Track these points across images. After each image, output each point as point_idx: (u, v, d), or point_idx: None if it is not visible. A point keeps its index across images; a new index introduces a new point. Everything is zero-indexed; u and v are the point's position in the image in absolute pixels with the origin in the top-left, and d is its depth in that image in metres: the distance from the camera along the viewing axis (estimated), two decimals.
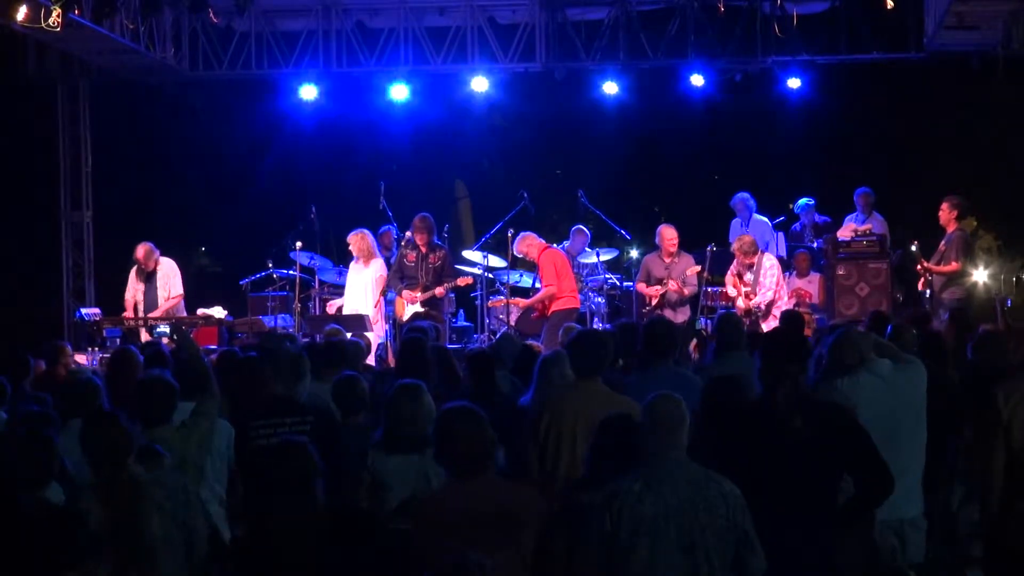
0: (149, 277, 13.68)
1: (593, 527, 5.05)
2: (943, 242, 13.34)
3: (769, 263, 13.28)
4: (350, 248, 13.60)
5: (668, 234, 13.78)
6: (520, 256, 13.57)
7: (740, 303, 13.20)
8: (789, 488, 5.35)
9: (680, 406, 5.21)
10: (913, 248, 13.59)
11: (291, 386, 6.71)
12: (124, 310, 13.69)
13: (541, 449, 6.09)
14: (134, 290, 13.73)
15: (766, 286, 13.16)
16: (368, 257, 13.49)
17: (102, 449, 5.50)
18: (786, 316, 10.67)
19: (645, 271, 13.93)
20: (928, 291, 13.46)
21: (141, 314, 13.49)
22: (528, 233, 13.38)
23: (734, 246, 13.52)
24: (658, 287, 13.62)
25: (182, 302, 13.88)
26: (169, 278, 13.71)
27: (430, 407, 6.04)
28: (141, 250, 13.64)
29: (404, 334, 9.18)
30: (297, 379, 6.75)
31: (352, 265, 13.70)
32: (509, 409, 6.71)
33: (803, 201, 15.56)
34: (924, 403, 6.61)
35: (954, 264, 13.11)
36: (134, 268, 13.77)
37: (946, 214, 13.31)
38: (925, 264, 13.32)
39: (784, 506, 5.32)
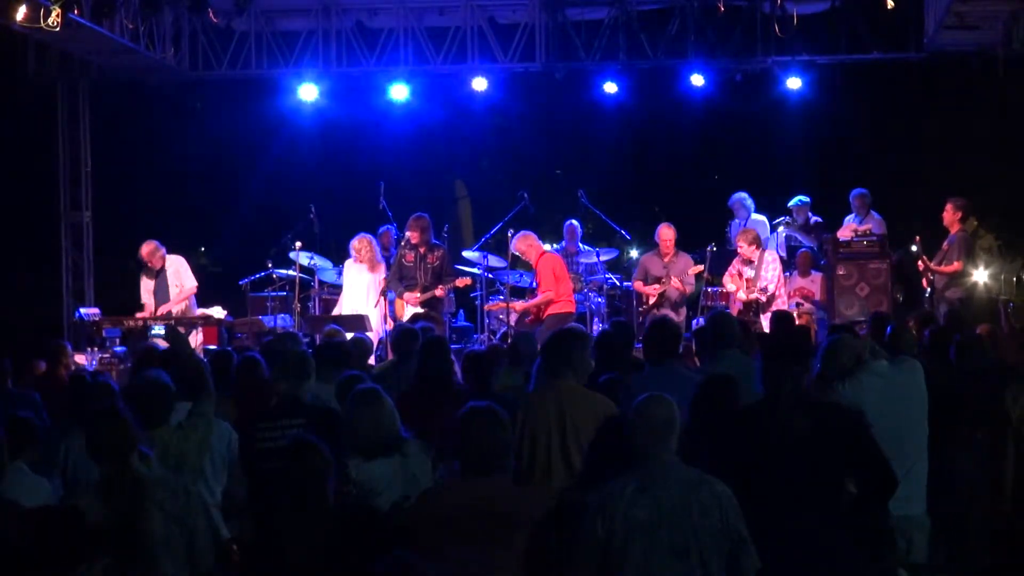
0: (158, 275, 13.62)
1: (587, 530, 5.05)
2: (946, 242, 13.46)
3: (771, 257, 13.40)
4: (354, 252, 13.58)
5: (664, 234, 13.80)
6: (518, 254, 13.55)
7: (741, 295, 13.23)
8: (792, 489, 5.34)
9: (670, 408, 5.18)
10: (914, 247, 13.67)
11: (296, 386, 6.70)
12: (124, 311, 13.63)
13: (517, 446, 6.10)
14: (146, 291, 13.65)
15: (767, 279, 13.20)
16: (373, 263, 13.52)
17: (106, 445, 5.50)
18: (776, 317, 10.65)
19: (643, 270, 13.95)
20: (930, 289, 13.57)
21: (157, 314, 13.41)
22: (528, 232, 13.35)
23: (738, 237, 13.57)
24: (656, 285, 13.63)
25: (193, 297, 13.80)
26: (180, 274, 13.64)
27: (390, 408, 6.03)
28: (145, 248, 13.57)
29: (398, 332, 9.06)
30: (302, 379, 6.74)
31: (352, 265, 13.66)
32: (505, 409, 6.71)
33: (797, 199, 15.41)
34: (925, 400, 6.61)
35: (956, 264, 13.25)
36: (143, 270, 13.70)
37: (950, 215, 13.42)
38: (927, 263, 13.42)
39: (787, 507, 5.31)
